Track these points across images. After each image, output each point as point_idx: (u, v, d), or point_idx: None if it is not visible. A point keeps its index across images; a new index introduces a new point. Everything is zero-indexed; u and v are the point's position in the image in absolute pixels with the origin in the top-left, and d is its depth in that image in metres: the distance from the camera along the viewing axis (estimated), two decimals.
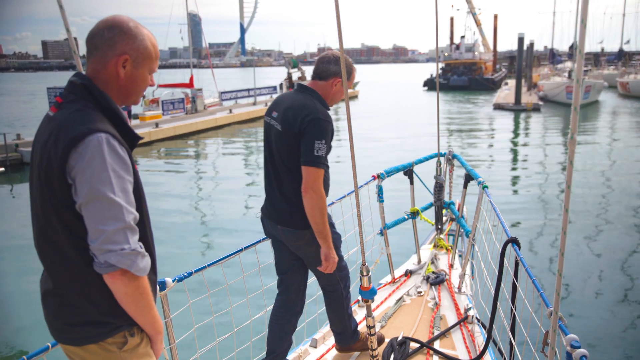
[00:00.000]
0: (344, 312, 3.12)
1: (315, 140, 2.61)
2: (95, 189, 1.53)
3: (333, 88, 2.86)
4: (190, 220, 10.78)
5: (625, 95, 40.23)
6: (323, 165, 2.64)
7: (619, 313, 6.32)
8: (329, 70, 2.83)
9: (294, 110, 2.69)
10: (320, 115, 2.66)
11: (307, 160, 2.61)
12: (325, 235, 2.70)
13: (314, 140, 2.61)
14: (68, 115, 1.62)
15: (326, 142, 2.64)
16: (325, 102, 2.83)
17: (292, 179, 2.73)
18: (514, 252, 2.71)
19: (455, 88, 50.64)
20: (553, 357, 2.07)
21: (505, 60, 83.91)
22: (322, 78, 2.85)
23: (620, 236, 9.05)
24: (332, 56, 2.86)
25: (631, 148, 18.40)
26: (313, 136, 2.61)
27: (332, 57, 2.85)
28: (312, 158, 2.60)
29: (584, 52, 1.67)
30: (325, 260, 2.76)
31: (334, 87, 2.85)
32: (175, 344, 2.61)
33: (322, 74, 2.85)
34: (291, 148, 2.69)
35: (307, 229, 2.73)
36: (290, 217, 2.79)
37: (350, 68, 2.85)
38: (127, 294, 1.63)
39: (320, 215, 2.65)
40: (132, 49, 1.71)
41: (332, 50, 2.93)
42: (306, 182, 2.63)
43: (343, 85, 2.13)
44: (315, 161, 2.60)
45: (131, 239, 1.58)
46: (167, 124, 22.31)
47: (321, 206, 2.64)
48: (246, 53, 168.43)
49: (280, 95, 3.02)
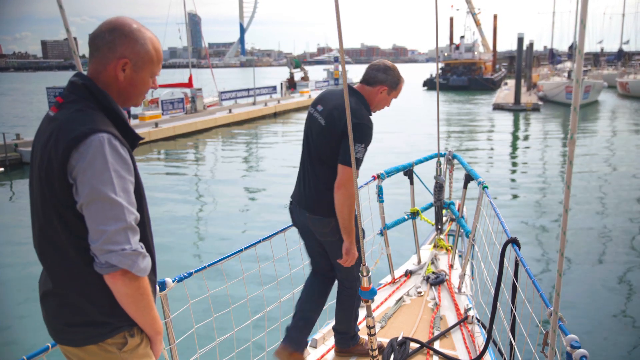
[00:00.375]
0: (352, 312, 3.18)
1: (356, 143, 2.73)
2: (96, 189, 1.53)
3: (378, 95, 2.99)
4: (190, 220, 10.77)
5: (625, 95, 40.25)
6: (358, 166, 2.76)
7: (619, 313, 6.33)
8: (376, 77, 2.97)
9: (339, 111, 2.82)
10: (364, 121, 2.80)
11: (346, 160, 2.76)
12: (349, 230, 2.85)
13: (355, 142, 2.71)
14: (69, 115, 1.62)
15: (365, 146, 2.79)
16: (369, 107, 2.97)
17: (326, 171, 2.88)
18: (514, 252, 2.71)
19: (455, 88, 50.64)
20: (553, 358, 2.07)
21: (504, 60, 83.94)
22: (369, 84, 2.99)
23: (621, 236, 9.05)
24: (382, 65, 3.00)
25: (631, 148, 18.41)
26: (357, 139, 2.72)
27: (383, 66, 2.99)
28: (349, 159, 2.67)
29: (584, 53, 1.67)
30: (346, 254, 2.90)
31: (379, 94, 2.99)
32: (175, 344, 2.61)
33: (370, 80, 2.99)
34: (331, 145, 2.84)
35: (333, 217, 2.88)
36: (319, 205, 2.93)
37: (398, 79, 3.01)
38: (127, 294, 1.63)
39: (348, 212, 2.80)
40: (133, 52, 1.70)
41: (384, 60, 3.06)
42: (340, 180, 2.79)
43: (343, 82, 2.14)
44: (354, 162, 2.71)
45: (132, 239, 1.58)
46: (167, 124, 22.29)
47: (350, 204, 2.79)
48: (246, 53, 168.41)
49: (328, 89, 3.10)
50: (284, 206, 3.31)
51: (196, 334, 2.79)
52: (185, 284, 2.64)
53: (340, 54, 2.08)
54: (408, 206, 4.51)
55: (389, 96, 3.03)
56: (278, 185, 13.35)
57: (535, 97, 36.03)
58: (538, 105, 31.59)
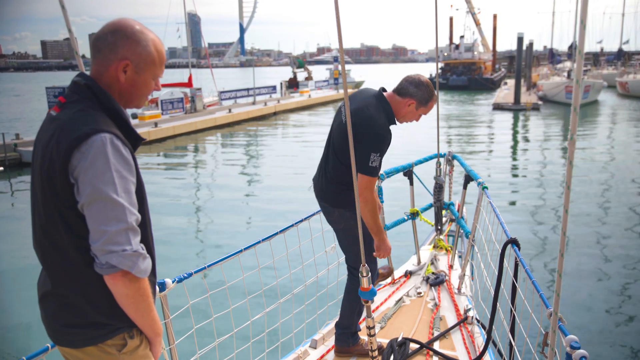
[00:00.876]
0: (357, 304, 3.20)
1: (372, 152, 2.82)
2: (98, 189, 1.53)
3: (405, 108, 3.03)
4: (190, 220, 10.77)
5: (625, 95, 40.24)
6: (376, 174, 2.90)
7: (618, 314, 6.33)
8: (407, 90, 3.01)
9: (360, 118, 2.87)
10: (380, 131, 2.87)
11: (362, 169, 2.83)
12: (375, 231, 3.02)
13: (370, 152, 2.82)
14: (71, 115, 1.62)
15: (381, 155, 2.88)
16: (394, 116, 3.04)
17: (337, 166, 3.01)
18: (514, 252, 2.70)
19: (455, 88, 50.63)
20: (553, 358, 2.07)
21: (504, 60, 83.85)
22: (399, 94, 3.03)
23: (621, 236, 9.05)
24: (417, 79, 3.03)
25: (630, 147, 18.41)
26: (370, 148, 2.82)
27: (416, 80, 3.03)
28: (367, 168, 2.84)
29: (583, 53, 1.67)
30: (377, 249, 3.11)
31: (406, 107, 3.03)
32: (175, 345, 2.60)
33: (401, 91, 3.03)
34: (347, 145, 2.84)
35: (336, 208, 3.06)
36: (326, 195, 3.11)
37: (429, 96, 3.04)
38: (127, 295, 1.63)
39: (371, 217, 2.95)
40: (134, 54, 1.70)
41: (421, 75, 3.08)
42: (359, 188, 2.87)
43: (343, 82, 2.13)
44: (369, 171, 2.85)
45: (133, 240, 1.58)
46: (166, 124, 22.29)
47: (370, 209, 2.92)
48: (245, 53, 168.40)
49: (361, 90, 3.15)
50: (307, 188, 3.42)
51: (196, 334, 2.79)
52: (185, 285, 2.64)
53: (340, 54, 2.08)
54: (408, 207, 4.51)
55: (417, 111, 3.06)
56: (278, 185, 13.35)
57: (535, 96, 36.02)
58: (538, 105, 31.58)
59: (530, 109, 30.58)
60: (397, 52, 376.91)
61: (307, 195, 13.29)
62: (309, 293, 3.63)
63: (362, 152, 2.81)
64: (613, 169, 14.78)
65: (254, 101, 31.91)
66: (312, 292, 3.68)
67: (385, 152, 2.92)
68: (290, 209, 10.86)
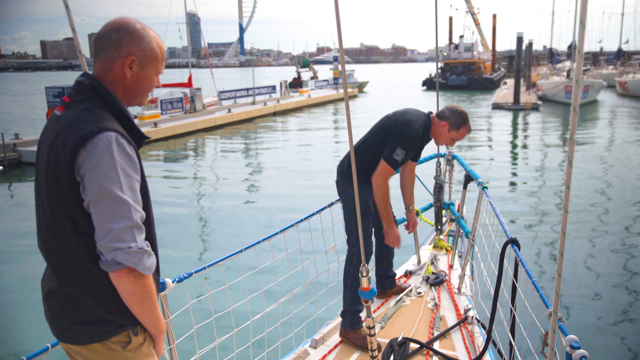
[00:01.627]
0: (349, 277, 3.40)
1: (399, 147, 3.23)
2: (103, 187, 1.55)
3: (440, 129, 3.45)
4: (190, 220, 10.76)
5: (624, 94, 40.27)
6: (395, 167, 3.26)
7: (619, 314, 6.33)
8: (444, 113, 3.45)
9: (401, 118, 3.34)
10: (412, 133, 3.29)
11: (386, 157, 3.24)
12: (384, 216, 3.38)
13: (398, 146, 3.23)
14: (76, 115, 1.64)
15: (406, 153, 3.27)
16: (430, 133, 3.46)
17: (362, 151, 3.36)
18: (514, 252, 2.71)
19: (454, 87, 50.62)
20: (553, 358, 2.07)
21: (504, 59, 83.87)
22: (438, 117, 3.47)
23: (621, 236, 9.05)
24: (455, 107, 3.44)
25: (630, 146, 18.41)
26: (399, 143, 3.23)
27: (454, 108, 3.43)
28: (390, 159, 3.23)
29: (582, 52, 1.67)
30: (385, 235, 3.50)
31: (440, 128, 3.45)
32: (175, 345, 2.61)
33: (440, 114, 3.47)
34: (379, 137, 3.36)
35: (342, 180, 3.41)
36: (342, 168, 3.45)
37: (461, 123, 3.43)
38: (132, 292, 1.64)
39: (381, 201, 3.31)
40: (139, 50, 1.72)
41: (459, 105, 3.49)
42: (377, 172, 3.27)
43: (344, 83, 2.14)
44: (391, 161, 3.24)
45: (138, 237, 1.60)
46: (166, 124, 22.29)
47: (382, 194, 3.29)
48: (245, 53, 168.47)
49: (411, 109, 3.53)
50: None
51: (196, 334, 2.80)
52: (185, 285, 2.64)
53: (340, 54, 2.08)
54: None
55: (449, 133, 3.46)
56: (278, 185, 13.36)
57: (534, 96, 36.03)
58: (537, 104, 31.58)
59: (530, 108, 30.59)
60: (397, 52, 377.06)
61: (307, 195, 13.31)
62: (309, 293, 3.64)
63: (392, 144, 3.23)
64: (612, 168, 14.78)
65: (254, 101, 31.90)
66: (312, 292, 3.68)
67: (410, 154, 3.33)
68: (290, 209, 10.87)
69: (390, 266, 3.96)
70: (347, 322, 3.39)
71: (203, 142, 21.95)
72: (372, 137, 3.41)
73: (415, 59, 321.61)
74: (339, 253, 3.71)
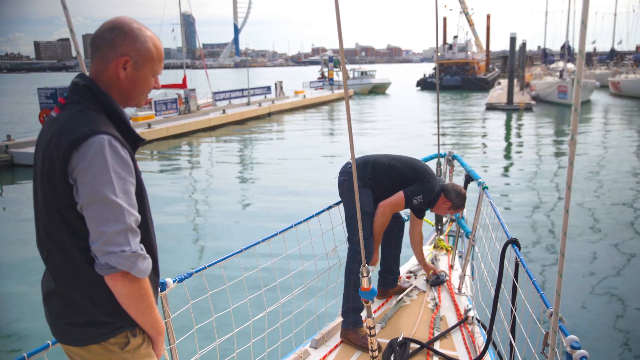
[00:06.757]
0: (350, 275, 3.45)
1: (422, 195, 3.51)
2: (96, 190, 1.53)
3: (442, 205, 3.73)
4: (186, 221, 10.74)
5: (617, 94, 40.49)
6: (407, 206, 3.53)
7: (619, 314, 6.33)
8: (450, 195, 3.68)
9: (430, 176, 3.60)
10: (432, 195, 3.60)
11: (406, 193, 3.47)
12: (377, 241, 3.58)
13: (421, 194, 3.50)
14: (70, 117, 1.62)
15: (421, 203, 3.56)
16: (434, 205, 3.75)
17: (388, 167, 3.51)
18: (514, 253, 2.71)
19: (448, 88, 50.74)
20: (553, 358, 2.07)
21: (498, 60, 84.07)
22: (445, 193, 3.70)
23: (620, 236, 9.05)
24: (460, 193, 3.70)
25: (625, 146, 18.50)
26: (422, 192, 3.50)
27: (459, 193, 3.69)
28: (409, 197, 3.48)
29: (584, 53, 1.67)
30: None
31: (443, 204, 3.72)
32: (175, 345, 2.60)
33: (447, 192, 3.69)
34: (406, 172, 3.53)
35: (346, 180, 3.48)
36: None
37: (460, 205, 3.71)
38: (127, 295, 1.64)
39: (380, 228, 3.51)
40: (133, 50, 1.70)
41: (463, 189, 3.75)
42: (390, 202, 3.47)
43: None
44: (408, 199, 3.48)
45: (132, 241, 1.58)
46: (160, 125, 22.20)
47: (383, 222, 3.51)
48: (240, 53, 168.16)
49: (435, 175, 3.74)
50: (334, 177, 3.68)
51: (196, 334, 2.79)
52: (185, 285, 2.64)
53: (341, 54, 2.08)
54: None
55: (448, 210, 3.76)
56: (274, 186, 13.33)
57: (528, 96, 36.16)
58: (531, 104, 31.68)
59: (524, 108, 30.68)
60: (392, 52, 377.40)
61: (306, 194, 13.23)
62: (310, 293, 3.64)
63: (417, 189, 3.48)
64: (612, 167, 14.84)
65: (249, 102, 31.85)
66: (312, 292, 3.68)
67: (420, 206, 3.61)
68: (290, 209, 10.86)
69: (397, 260, 4.04)
70: (349, 321, 3.38)
71: (197, 143, 21.89)
72: (404, 166, 3.54)
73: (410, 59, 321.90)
74: (339, 253, 3.72)
